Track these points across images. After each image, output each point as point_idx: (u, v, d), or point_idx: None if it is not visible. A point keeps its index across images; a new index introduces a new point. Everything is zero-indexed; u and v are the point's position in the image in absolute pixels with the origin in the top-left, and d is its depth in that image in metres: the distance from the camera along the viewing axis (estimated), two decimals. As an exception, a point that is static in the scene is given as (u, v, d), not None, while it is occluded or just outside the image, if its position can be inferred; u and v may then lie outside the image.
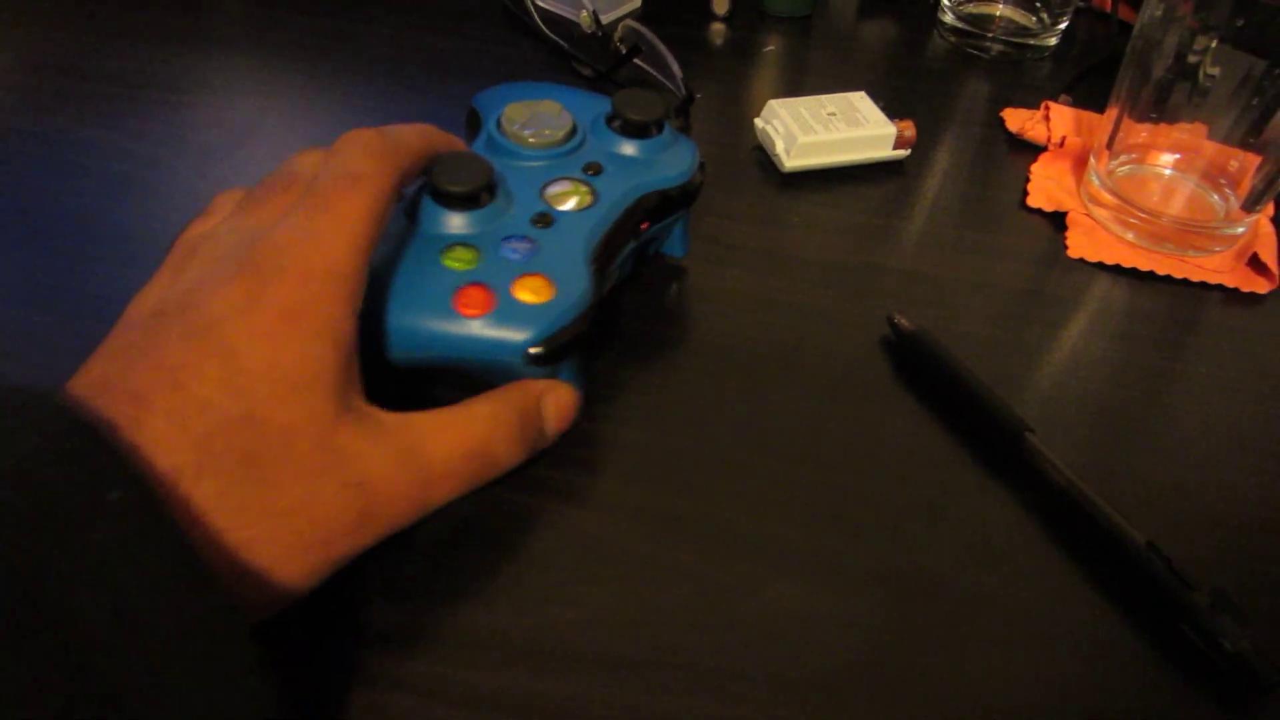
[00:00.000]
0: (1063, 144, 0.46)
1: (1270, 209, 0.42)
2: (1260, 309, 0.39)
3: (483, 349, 0.28)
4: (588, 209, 0.31)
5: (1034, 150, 0.48)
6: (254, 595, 0.22)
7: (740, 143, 0.46)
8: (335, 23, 0.53)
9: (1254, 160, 0.39)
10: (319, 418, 0.23)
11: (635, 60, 0.49)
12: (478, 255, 0.29)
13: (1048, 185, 0.45)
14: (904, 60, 0.55)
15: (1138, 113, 0.41)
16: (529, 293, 0.28)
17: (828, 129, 0.44)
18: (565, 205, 0.31)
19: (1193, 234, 0.41)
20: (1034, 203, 0.44)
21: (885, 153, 0.45)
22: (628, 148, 0.34)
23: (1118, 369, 0.36)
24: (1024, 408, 0.33)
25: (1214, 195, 0.42)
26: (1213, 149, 0.41)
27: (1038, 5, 0.55)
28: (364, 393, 0.25)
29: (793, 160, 0.43)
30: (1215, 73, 0.39)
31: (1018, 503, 0.30)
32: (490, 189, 0.30)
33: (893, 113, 0.45)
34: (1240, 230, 0.41)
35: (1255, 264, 0.41)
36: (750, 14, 0.58)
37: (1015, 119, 0.49)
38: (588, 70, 0.50)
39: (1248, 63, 0.38)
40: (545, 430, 0.29)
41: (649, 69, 0.50)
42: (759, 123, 0.46)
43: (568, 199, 0.31)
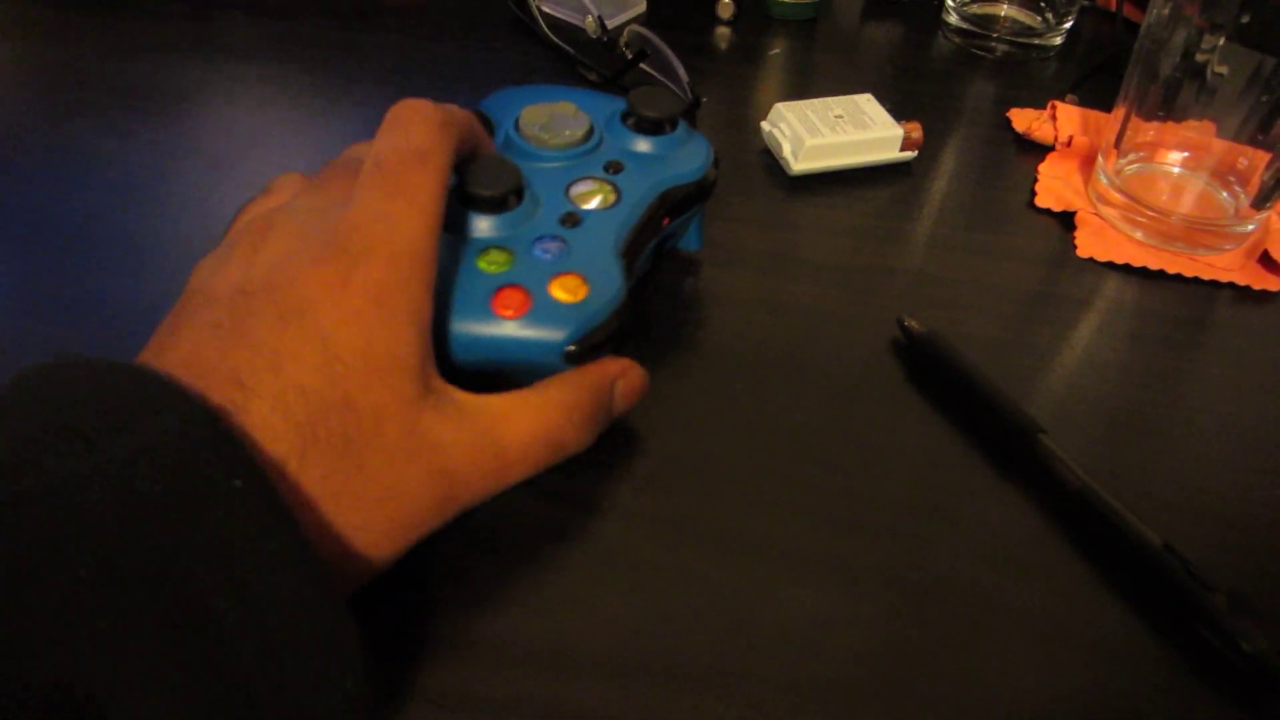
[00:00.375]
0: (1070, 143, 0.46)
1: (1280, 206, 0.42)
2: (1272, 306, 0.39)
3: (522, 349, 0.28)
4: (613, 207, 0.31)
5: (1041, 150, 0.47)
6: (347, 575, 0.23)
7: (747, 146, 0.46)
8: (342, 32, 0.53)
9: (1263, 157, 0.39)
10: (406, 401, 0.23)
11: (641, 65, 0.49)
12: (511, 257, 0.29)
13: (1055, 185, 0.45)
14: (909, 62, 0.55)
15: (1145, 111, 0.41)
16: (564, 292, 0.28)
17: (834, 132, 0.44)
18: (590, 204, 0.31)
19: (1202, 232, 0.41)
20: (1042, 203, 0.44)
21: (892, 155, 0.45)
22: (645, 145, 0.34)
23: (1129, 369, 0.36)
24: (1036, 409, 0.32)
25: (1223, 193, 0.42)
26: (1221, 147, 0.40)
27: (1042, 5, 0.55)
28: (437, 371, 0.26)
29: (800, 163, 0.43)
30: (1223, 71, 0.38)
31: (1031, 505, 0.30)
32: (519, 192, 0.30)
33: (899, 114, 0.45)
34: (1250, 228, 0.41)
35: (1266, 261, 0.41)
36: (755, 18, 0.58)
37: (1022, 119, 0.49)
38: (594, 76, 0.50)
39: (1256, 60, 0.37)
40: (614, 408, 0.29)
41: (655, 74, 0.50)
42: (765, 126, 0.46)
43: (592, 197, 0.32)
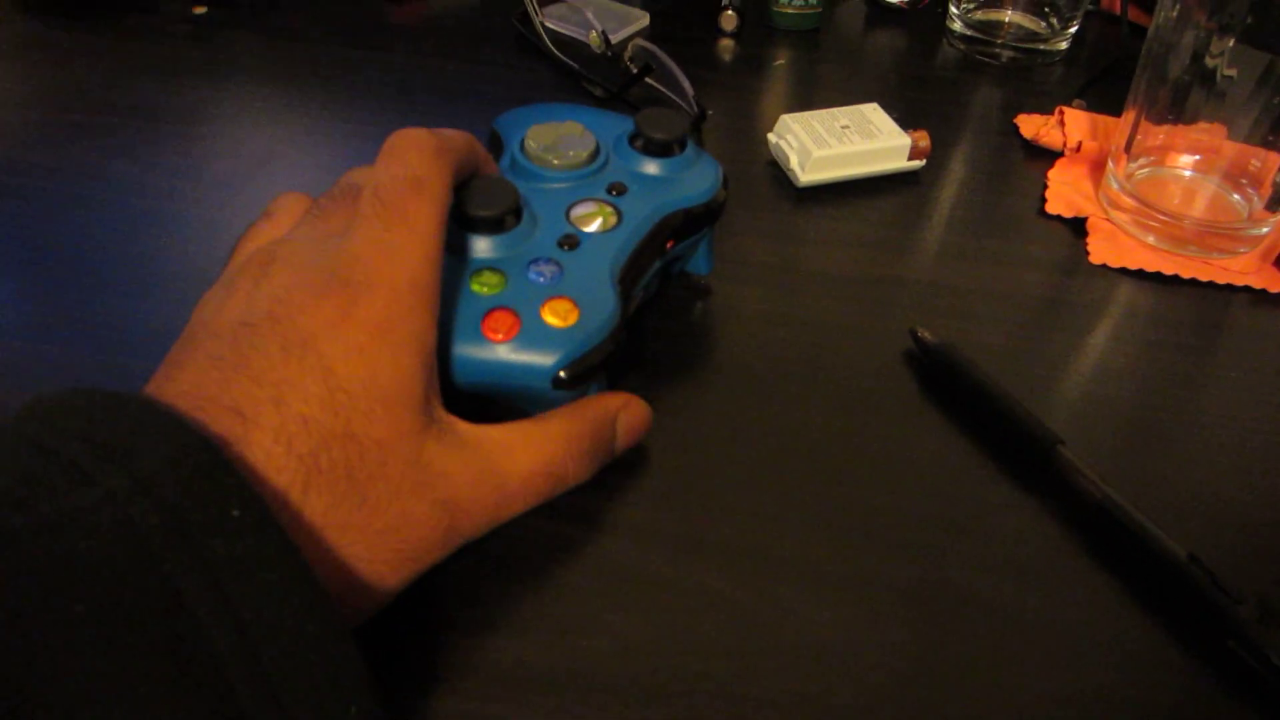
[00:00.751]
0: (1079, 149, 0.46)
1: (1294, 208, 0.41)
2: (1288, 310, 0.39)
3: (510, 373, 0.28)
4: (613, 230, 0.31)
5: (1050, 156, 0.47)
6: (353, 607, 0.22)
7: (754, 158, 0.46)
8: (347, 51, 0.53)
9: (1275, 159, 0.39)
10: (409, 433, 0.23)
11: (646, 79, 0.49)
12: (504, 279, 0.29)
13: (1065, 191, 0.44)
14: (914, 70, 0.55)
15: (1155, 115, 0.41)
16: (555, 316, 0.28)
17: (841, 142, 0.43)
18: (590, 226, 0.31)
19: (1216, 235, 0.40)
20: (1052, 209, 0.43)
21: (900, 164, 0.45)
22: (651, 167, 0.34)
23: (1146, 376, 0.35)
24: (1052, 418, 0.32)
25: (1236, 196, 0.41)
26: (1233, 149, 0.40)
27: (1047, 10, 0.55)
28: (443, 402, 0.26)
29: (807, 175, 0.43)
30: (1233, 73, 0.38)
31: (1051, 517, 0.30)
32: (516, 212, 0.30)
33: (906, 123, 0.45)
34: (1265, 230, 0.41)
35: (1281, 264, 0.40)
36: (759, 29, 0.58)
37: (1029, 125, 0.49)
38: (599, 90, 0.50)
39: (1266, 61, 0.37)
40: (615, 446, 0.29)
41: (660, 87, 0.50)
42: (772, 138, 0.45)
43: (593, 220, 0.31)
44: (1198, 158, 0.42)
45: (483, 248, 0.29)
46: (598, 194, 0.32)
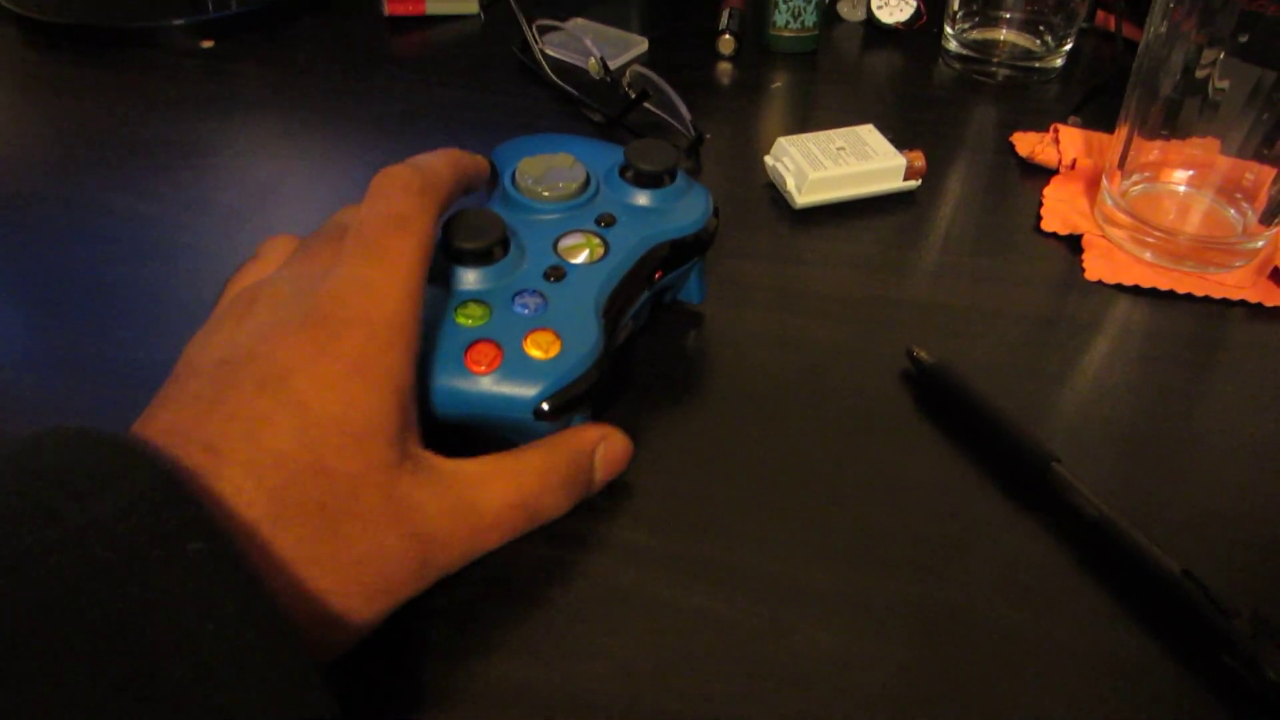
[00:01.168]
0: (1074, 166, 0.46)
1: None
2: (1285, 323, 0.39)
3: (493, 406, 0.28)
4: (599, 261, 0.31)
5: (1045, 174, 0.47)
6: (324, 641, 0.23)
7: (751, 181, 0.47)
8: (351, 81, 0.54)
9: (1269, 173, 0.39)
10: (382, 467, 0.24)
11: (645, 104, 0.49)
12: (489, 311, 0.29)
13: (1061, 208, 0.45)
14: (911, 90, 0.55)
15: (1148, 131, 0.41)
16: (537, 348, 0.28)
17: (837, 164, 0.44)
18: (578, 258, 0.31)
19: (1211, 250, 0.41)
20: (1048, 227, 0.44)
21: (896, 184, 0.45)
22: (641, 198, 0.34)
23: (1143, 392, 0.35)
24: (1049, 435, 0.32)
25: (1231, 210, 0.41)
26: (1226, 163, 0.40)
27: (1041, 28, 0.56)
28: (421, 438, 0.26)
29: (804, 196, 0.44)
30: (1224, 86, 0.39)
31: (1047, 534, 0.30)
32: (503, 244, 0.30)
33: (902, 144, 0.45)
34: (1260, 244, 0.41)
35: (1277, 277, 0.40)
36: (756, 52, 0.58)
37: (1025, 143, 0.49)
38: (598, 116, 0.51)
39: (1257, 75, 0.38)
40: (594, 479, 0.29)
41: (658, 112, 0.50)
42: (769, 160, 0.46)
43: (580, 251, 0.32)
44: (1191, 173, 0.42)
45: (469, 280, 0.30)
46: (586, 225, 0.33)
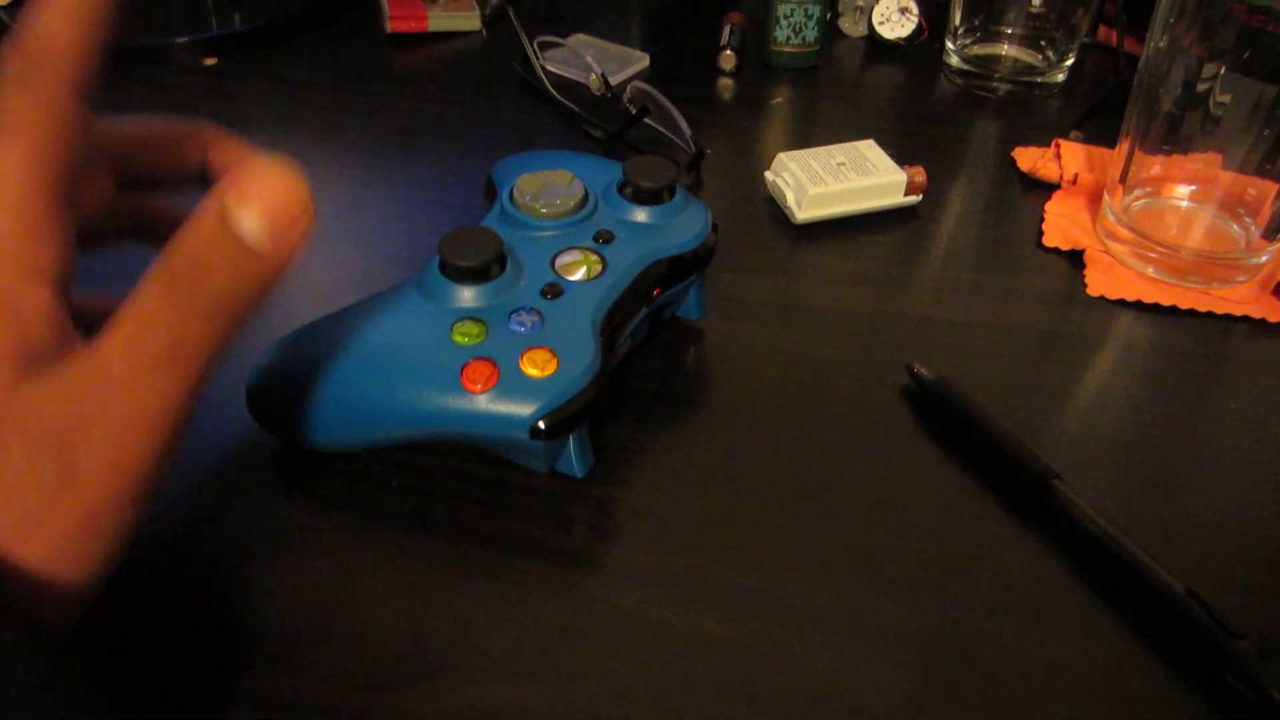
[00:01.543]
0: (1075, 181, 0.46)
1: (1292, 236, 0.41)
2: (1289, 339, 0.39)
3: (488, 424, 0.28)
4: (597, 278, 0.31)
5: (1047, 189, 0.47)
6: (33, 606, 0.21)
7: (752, 196, 0.47)
8: (353, 97, 0.54)
9: (1272, 187, 0.39)
10: None
11: (645, 120, 0.50)
12: (485, 329, 0.29)
13: (1063, 223, 0.45)
14: (912, 106, 0.55)
15: (1149, 145, 0.41)
16: (533, 366, 0.28)
17: (838, 179, 0.44)
18: (575, 275, 0.31)
19: (1214, 265, 0.40)
20: (1050, 242, 0.43)
21: (897, 199, 0.45)
22: (639, 214, 0.34)
23: (1145, 408, 0.35)
24: (1050, 452, 0.32)
25: (1233, 225, 0.41)
26: (1229, 178, 0.40)
27: (1043, 43, 0.56)
28: (73, 340, 0.23)
29: (804, 212, 0.44)
30: (1226, 100, 0.38)
31: (1049, 552, 0.30)
32: (500, 262, 0.30)
33: (903, 159, 0.45)
34: (1263, 259, 0.41)
35: (1280, 293, 0.40)
36: (757, 68, 0.58)
37: (1026, 158, 0.49)
38: (599, 132, 0.51)
39: (1258, 89, 0.37)
40: (247, 234, 0.21)
41: (659, 127, 0.50)
42: (769, 176, 0.46)
43: (577, 268, 0.32)
44: (1194, 187, 0.42)
45: (466, 298, 0.30)
46: (584, 242, 0.33)
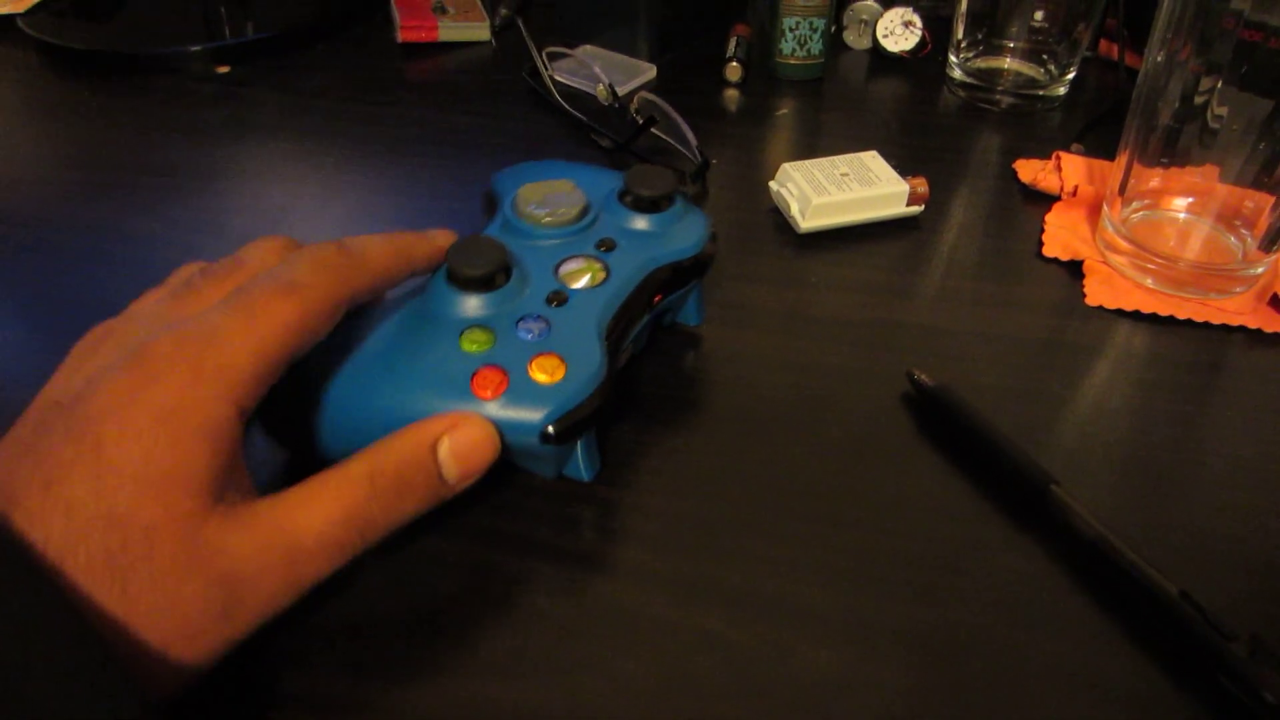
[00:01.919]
0: (1075, 193, 0.47)
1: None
2: (1285, 349, 0.39)
3: (499, 430, 0.28)
4: (601, 285, 0.32)
5: (1047, 200, 0.48)
6: (144, 688, 0.22)
7: (756, 205, 0.47)
8: (364, 106, 0.55)
9: (1268, 200, 0.40)
10: (183, 515, 0.23)
11: (652, 130, 0.50)
12: (493, 337, 0.30)
13: (1063, 234, 0.45)
14: (915, 117, 0.56)
15: (1148, 158, 0.42)
16: (542, 373, 0.29)
17: (841, 189, 0.44)
18: (578, 283, 0.32)
19: (1212, 276, 0.41)
20: (1050, 252, 0.44)
21: (899, 210, 0.46)
22: (640, 222, 0.35)
23: (1142, 416, 0.36)
24: (1048, 459, 0.33)
25: (1230, 237, 0.42)
26: (1226, 191, 0.41)
27: (1045, 57, 0.56)
28: (249, 485, 0.25)
29: (808, 221, 0.44)
30: (1223, 113, 0.39)
31: (1047, 556, 0.30)
32: (506, 271, 0.31)
33: (906, 170, 0.46)
34: (1260, 270, 0.41)
35: (1277, 304, 0.41)
36: (763, 80, 0.59)
37: (1027, 170, 0.50)
38: (606, 141, 0.51)
39: (1255, 103, 0.38)
40: (445, 475, 0.28)
41: (665, 137, 0.51)
42: (773, 186, 0.47)
43: (580, 276, 0.32)
44: (1192, 200, 0.43)
45: (473, 306, 0.30)
46: (587, 250, 0.33)
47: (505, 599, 0.29)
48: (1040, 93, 0.57)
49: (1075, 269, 0.43)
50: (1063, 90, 0.57)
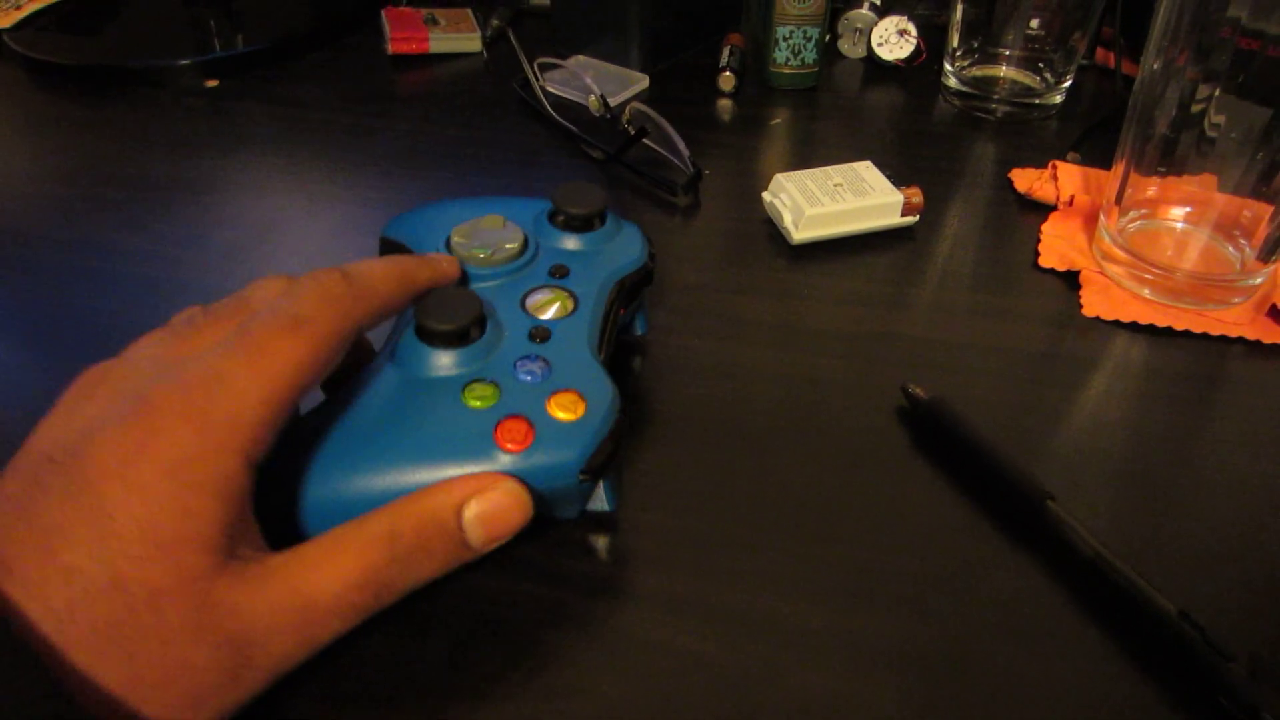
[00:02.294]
0: (1071, 202, 0.46)
1: (1288, 258, 0.41)
2: (1285, 360, 0.39)
3: (535, 478, 0.27)
4: (574, 313, 0.31)
5: (1044, 210, 0.48)
6: None
7: (750, 217, 0.47)
8: (354, 118, 0.55)
9: (1267, 210, 0.39)
10: (192, 577, 0.22)
11: (644, 140, 0.50)
12: (497, 388, 0.28)
13: (1059, 244, 0.45)
14: (910, 126, 0.56)
15: (1145, 167, 0.41)
16: (563, 411, 0.28)
17: (835, 200, 0.44)
18: (548, 314, 0.31)
19: (1209, 287, 0.41)
20: (1046, 263, 0.44)
21: (893, 220, 0.45)
22: (578, 243, 0.34)
23: (1140, 429, 0.35)
24: (1045, 472, 0.32)
25: (1228, 247, 0.41)
26: (1224, 200, 0.40)
27: (1041, 65, 0.56)
28: (259, 539, 0.24)
29: (801, 232, 0.44)
30: (1221, 121, 0.39)
31: (1043, 573, 0.30)
32: (480, 321, 0.29)
33: (900, 180, 0.46)
34: (1258, 280, 0.41)
35: (1275, 314, 0.40)
36: (756, 89, 0.59)
37: (1023, 179, 0.49)
38: (597, 153, 0.51)
39: (1252, 112, 0.38)
40: (470, 540, 0.26)
41: (657, 148, 0.51)
42: (767, 196, 0.46)
43: (549, 307, 0.31)
44: (1189, 209, 0.42)
45: (460, 361, 0.29)
46: (544, 280, 0.32)
47: (493, 620, 0.28)
48: (1036, 101, 0.56)
49: (1072, 279, 0.43)
50: (1059, 99, 0.57)
